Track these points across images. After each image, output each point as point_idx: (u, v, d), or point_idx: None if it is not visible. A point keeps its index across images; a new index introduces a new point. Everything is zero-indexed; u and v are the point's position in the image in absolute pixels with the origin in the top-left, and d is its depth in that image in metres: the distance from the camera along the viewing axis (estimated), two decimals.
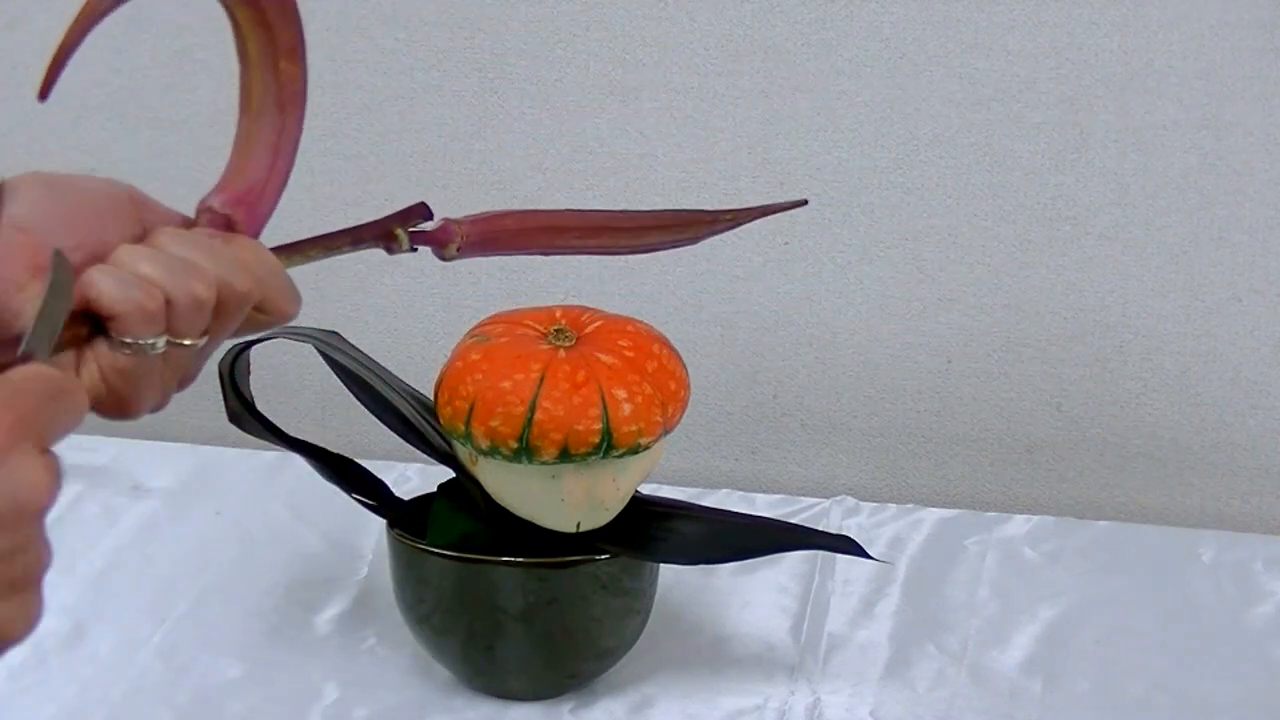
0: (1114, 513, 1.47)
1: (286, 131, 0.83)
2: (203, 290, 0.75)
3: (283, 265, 0.81)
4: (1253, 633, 1.26)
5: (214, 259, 0.77)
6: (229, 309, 0.77)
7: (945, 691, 1.19)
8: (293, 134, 0.83)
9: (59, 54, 0.79)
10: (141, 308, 0.74)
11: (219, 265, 0.76)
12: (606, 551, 1.14)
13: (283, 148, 0.83)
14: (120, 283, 0.74)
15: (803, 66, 1.43)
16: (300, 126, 0.83)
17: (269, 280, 0.79)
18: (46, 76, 0.77)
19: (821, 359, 1.49)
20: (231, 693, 1.20)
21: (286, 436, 1.18)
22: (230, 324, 0.78)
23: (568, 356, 1.11)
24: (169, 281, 0.75)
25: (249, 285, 0.77)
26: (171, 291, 0.75)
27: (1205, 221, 1.41)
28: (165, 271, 0.75)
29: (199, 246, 0.77)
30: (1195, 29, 1.37)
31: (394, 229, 0.86)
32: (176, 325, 0.75)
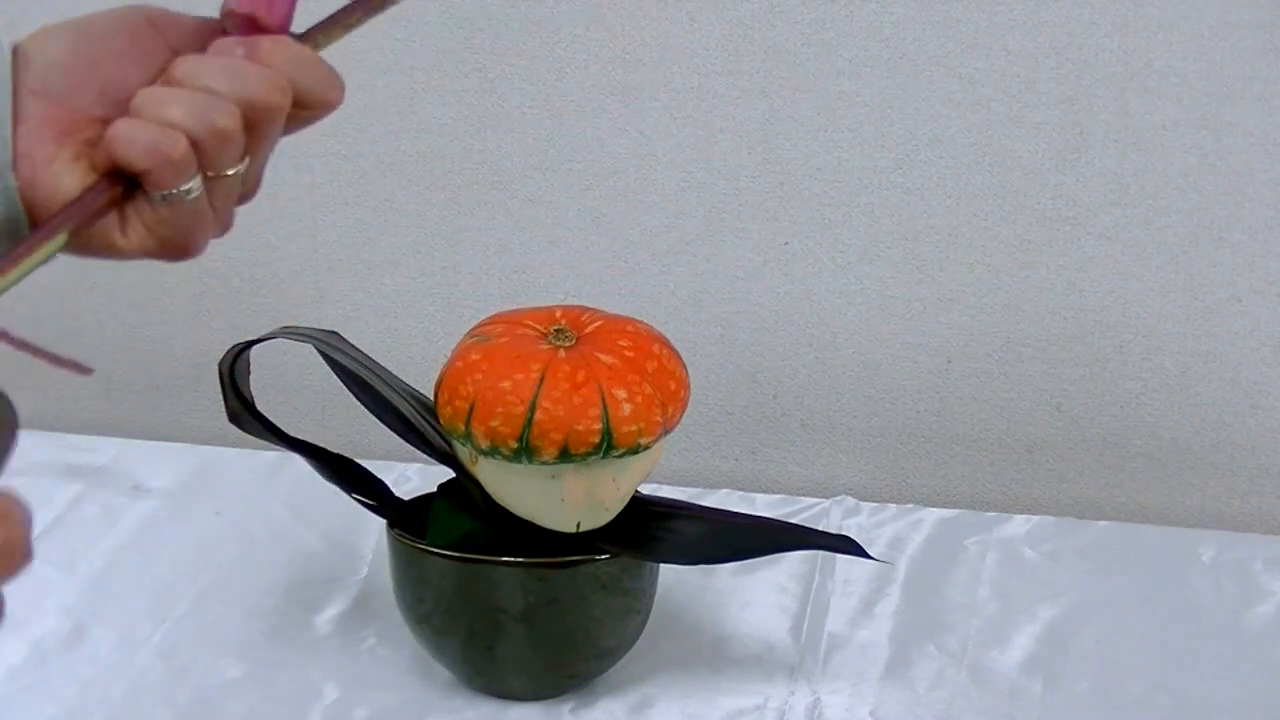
0: (1114, 513, 1.47)
1: None
2: (227, 121, 0.73)
3: (316, 56, 0.77)
4: (1253, 633, 1.26)
5: (237, 80, 0.74)
6: (262, 125, 0.75)
7: (945, 691, 1.19)
8: None
9: None
10: (168, 158, 0.72)
11: (242, 85, 0.74)
12: (606, 551, 1.14)
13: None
14: (141, 135, 0.72)
15: (803, 66, 1.43)
16: None
17: (302, 78, 0.76)
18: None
19: (821, 359, 1.49)
20: (231, 693, 1.20)
21: (286, 436, 1.18)
22: (270, 138, 0.75)
23: (568, 356, 1.11)
24: (190, 121, 0.72)
25: (277, 96, 0.74)
26: (195, 130, 0.72)
27: (1205, 221, 1.41)
28: (185, 111, 0.72)
29: (219, 71, 0.74)
30: (1195, 29, 1.36)
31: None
32: (209, 161, 0.73)
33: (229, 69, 0.74)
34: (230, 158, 0.74)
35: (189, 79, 0.74)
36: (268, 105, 0.74)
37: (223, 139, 0.73)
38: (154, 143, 0.72)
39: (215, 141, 0.73)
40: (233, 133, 0.73)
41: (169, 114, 0.73)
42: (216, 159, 0.74)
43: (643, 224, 1.49)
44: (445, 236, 1.52)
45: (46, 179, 0.74)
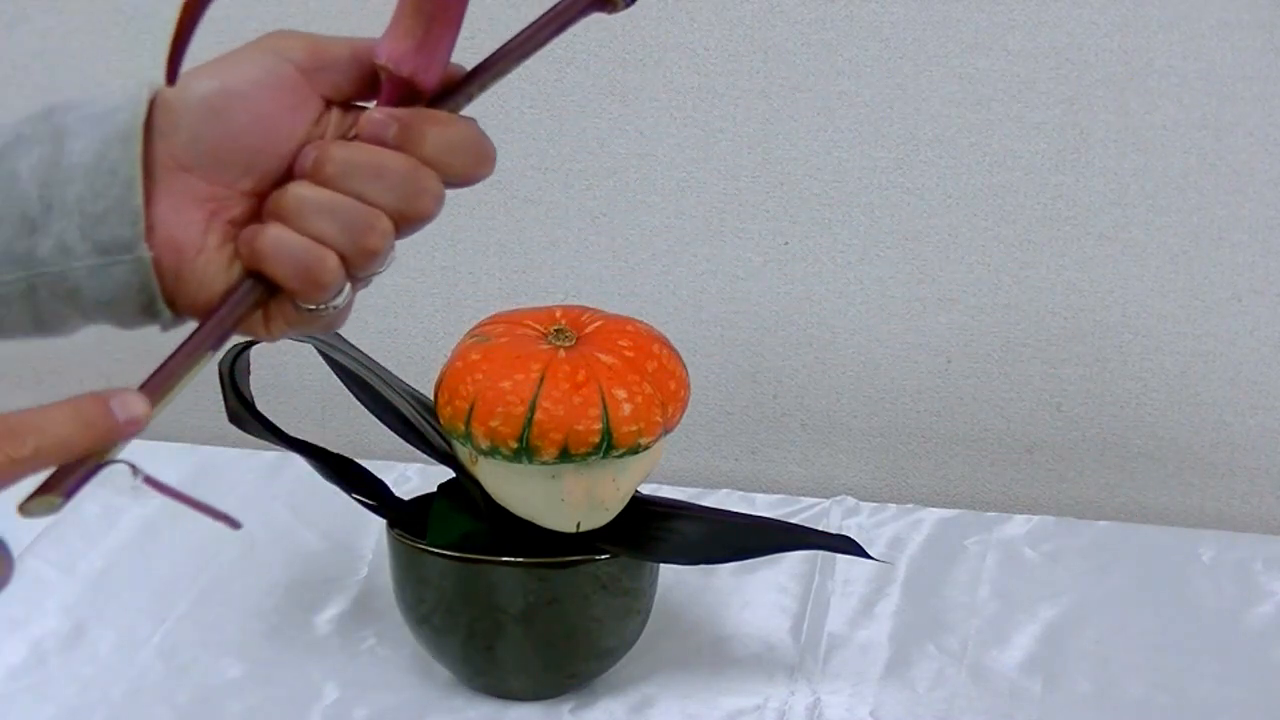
0: (1114, 513, 1.47)
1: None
2: (380, 242, 0.72)
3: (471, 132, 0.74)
4: (1253, 633, 1.26)
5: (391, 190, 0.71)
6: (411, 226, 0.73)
7: (945, 691, 1.19)
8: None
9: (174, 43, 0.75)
10: (317, 281, 0.71)
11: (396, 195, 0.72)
12: (606, 551, 1.14)
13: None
14: (292, 254, 0.71)
15: (803, 66, 1.43)
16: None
17: (457, 161, 0.73)
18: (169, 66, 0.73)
19: (821, 359, 1.49)
20: (231, 693, 1.20)
21: (286, 436, 1.18)
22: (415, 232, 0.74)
23: (568, 356, 1.11)
24: (343, 240, 0.71)
25: (429, 205, 0.72)
26: (347, 250, 0.71)
27: (1205, 221, 1.41)
28: (339, 229, 0.71)
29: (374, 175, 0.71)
30: (1195, 29, 1.37)
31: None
32: (356, 274, 0.72)
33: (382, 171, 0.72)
34: (377, 268, 0.73)
35: (340, 179, 0.72)
36: (420, 214, 0.73)
37: (374, 258, 0.72)
38: (305, 265, 0.71)
39: (366, 260, 0.72)
40: (383, 250, 0.72)
41: (321, 230, 0.71)
42: (364, 271, 0.73)
43: (643, 224, 1.49)
44: (445, 236, 1.52)
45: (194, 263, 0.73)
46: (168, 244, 0.73)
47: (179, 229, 0.73)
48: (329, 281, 0.71)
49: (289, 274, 0.71)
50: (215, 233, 0.73)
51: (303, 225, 0.71)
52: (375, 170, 0.72)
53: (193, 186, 0.73)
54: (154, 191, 0.72)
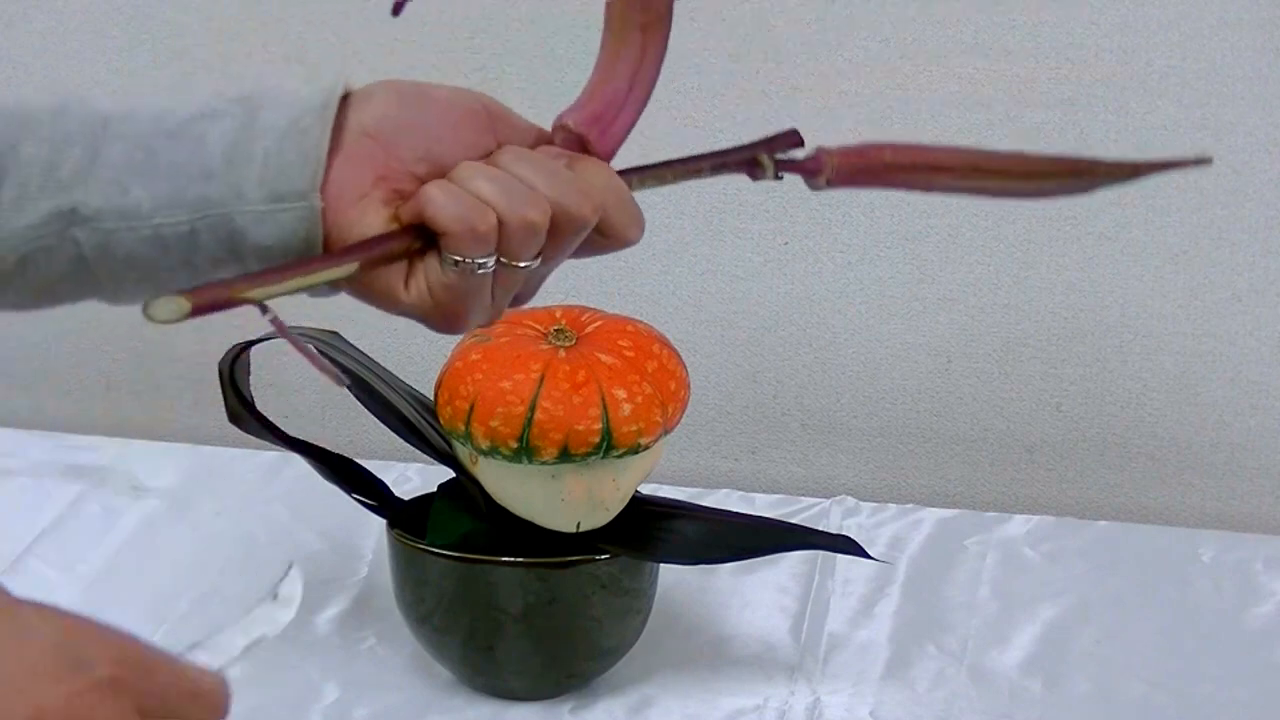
0: (1114, 513, 1.46)
1: (648, 53, 0.82)
2: (537, 215, 0.74)
3: (629, 189, 0.79)
4: (1253, 633, 1.26)
5: (554, 182, 0.75)
6: (564, 233, 0.76)
7: (945, 691, 1.19)
8: (654, 56, 0.81)
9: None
10: (473, 228, 0.74)
11: (558, 189, 0.75)
12: (606, 551, 1.14)
13: (643, 70, 0.82)
14: (455, 201, 0.74)
15: (803, 66, 1.43)
16: (663, 50, 0.81)
17: (610, 204, 0.77)
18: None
19: (821, 359, 1.49)
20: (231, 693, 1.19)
21: (286, 436, 1.18)
22: (566, 248, 0.77)
23: (568, 356, 1.11)
24: (503, 203, 0.74)
25: (587, 211, 0.76)
26: (505, 213, 0.74)
27: (1205, 221, 1.41)
28: (501, 193, 0.74)
29: (541, 169, 0.76)
30: (1195, 29, 1.37)
31: (759, 156, 0.83)
32: (508, 247, 0.75)
33: (550, 170, 0.76)
34: (528, 250, 0.75)
35: (511, 166, 0.76)
36: (577, 215, 0.76)
37: (528, 230, 0.75)
38: (465, 210, 0.74)
39: (521, 230, 0.74)
40: (539, 227, 0.75)
41: (486, 191, 0.74)
42: (516, 247, 0.75)
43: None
44: None
45: (352, 212, 0.76)
46: (335, 200, 0.76)
47: (350, 178, 0.76)
48: (484, 230, 0.74)
49: (449, 216, 0.74)
50: (379, 195, 0.76)
51: (469, 184, 0.75)
52: (542, 165, 0.76)
53: (371, 152, 0.77)
54: (335, 153, 0.76)
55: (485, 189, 0.74)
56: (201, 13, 1.51)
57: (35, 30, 1.53)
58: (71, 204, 0.77)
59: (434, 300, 0.76)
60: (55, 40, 1.54)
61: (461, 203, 0.74)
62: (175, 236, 0.77)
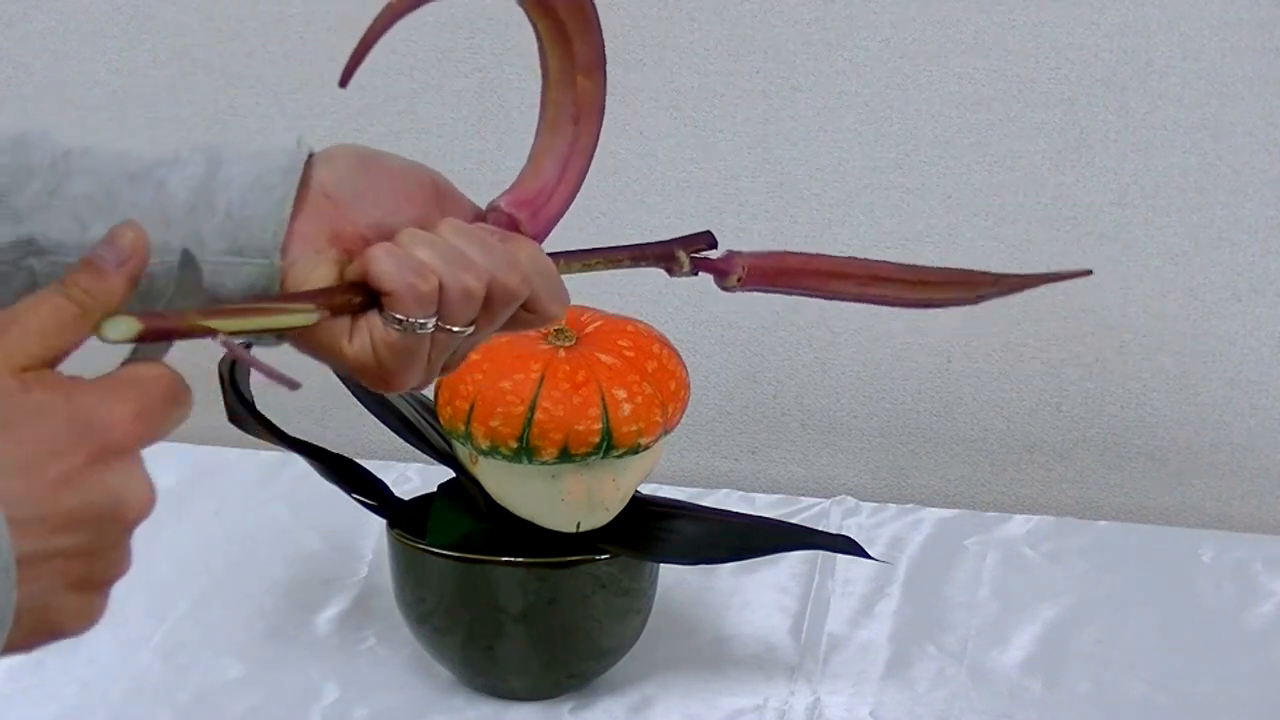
0: (1114, 513, 1.46)
1: (579, 143, 0.87)
2: (473, 283, 0.78)
3: (556, 270, 0.83)
4: (1253, 633, 1.26)
5: (489, 255, 0.79)
6: (497, 303, 0.79)
7: (945, 691, 1.19)
8: (586, 146, 0.87)
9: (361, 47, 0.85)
10: (415, 290, 0.77)
11: (493, 262, 0.79)
12: (606, 551, 1.14)
13: (574, 158, 0.87)
14: (400, 264, 0.77)
15: (803, 66, 1.43)
16: (595, 138, 0.86)
17: (539, 281, 0.81)
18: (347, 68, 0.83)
19: (821, 359, 1.49)
20: (231, 693, 1.20)
21: (286, 436, 1.18)
22: (497, 318, 0.80)
23: (568, 356, 1.11)
24: (444, 270, 0.78)
25: (518, 284, 0.80)
26: (445, 279, 0.77)
27: (1205, 221, 1.41)
28: (442, 260, 0.78)
29: (477, 241, 0.79)
30: (1195, 29, 1.37)
31: (677, 251, 0.89)
32: (446, 311, 0.78)
33: (486, 244, 0.80)
34: (464, 316, 0.79)
35: (451, 237, 0.79)
36: (508, 289, 0.79)
37: (466, 296, 0.78)
38: (408, 273, 0.77)
39: (460, 296, 0.78)
40: (476, 296, 0.78)
41: (428, 257, 0.78)
42: (454, 312, 0.78)
43: (643, 224, 1.49)
44: None
45: (303, 264, 0.79)
46: (295, 244, 0.79)
47: (308, 234, 0.79)
48: (426, 292, 0.77)
49: (392, 276, 0.77)
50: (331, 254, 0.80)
51: (411, 250, 0.78)
52: (478, 238, 0.80)
53: (329, 213, 0.80)
54: (297, 212, 0.80)
55: (427, 255, 0.78)
56: (201, 13, 1.51)
57: (35, 30, 1.53)
58: (30, 234, 0.79)
59: (375, 357, 0.79)
60: (55, 40, 1.54)
61: (405, 265, 0.77)
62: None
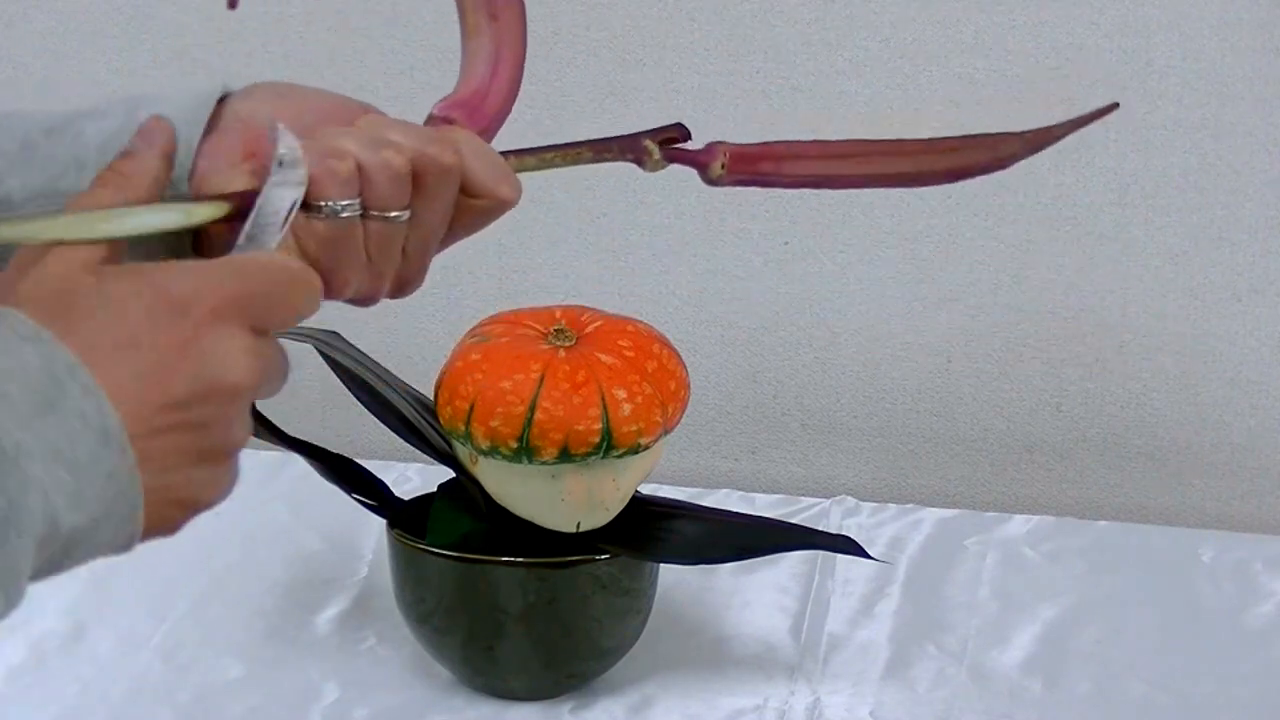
0: (1114, 513, 1.47)
1: (504, 36, 0.83)
2: (395, 158, 0.76)
3: (496, 153, 0.79)
4: (1253, 633, 1.26)
5: (413, 133, 0.77)
6: (429, 181, 0.77)
7: (945, 691, 1.19)
8: (512, 38, 0.83)
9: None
10: (332, 171, 0.75)
11: (418, 139, 0.77)
12: (606, 551, 1.14)
13: (502, 53, 0.83)
14: (313, 148, 0.75)
15: (803, 66, 1.43)
16: (521, 30, 0.83)
17: (475, 160, 0.78)
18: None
19: (821, 359, 1.49)
20: (231, 693, 1.20)
21: (286, 436, 1.18)
22: (434, 199, 0.77)
23: (568, 356, 1.11)
24: (362, 151, 0.75)
25: (451, 158, 0.77)
26: (364, 158, 0.75)
27: (1205, 221, 1.41)
28: (359, 143, 0.76)
29: (399, 126, 0.77)
30: (1195, 29, 1.37)
31: (645, 142, 0.83)
32: (372, 193, 0.76)
33: (409, 130, 0.77)
34: (393, 198, 0.76)
35: (369, 126, 0.78)
36: (438, 162, 0.77)
37: (390, 174, 0.76)
38: (323, 155, 0.75)
39: (381, 172, 0.76)
40: (399, 170, 0.76)
41: (344, 142, 0.76)
42: (379, 193, 0.76)
43: (642, 224, 1.49)
44: None
45: (215, 177, 0.77)
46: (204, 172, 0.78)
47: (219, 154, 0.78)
48: (343, 172, 0.75)
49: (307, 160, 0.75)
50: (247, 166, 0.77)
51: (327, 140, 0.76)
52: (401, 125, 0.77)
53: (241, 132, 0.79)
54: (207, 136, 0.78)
55: (344, 141, 0.76)
56: (201, 13, 1.51)
57: (35, 30, 1.53)
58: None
59: (304, 255, 0.76)
60: (55, 40, 1.54)
61: (319, 149, 0.75)
62: None
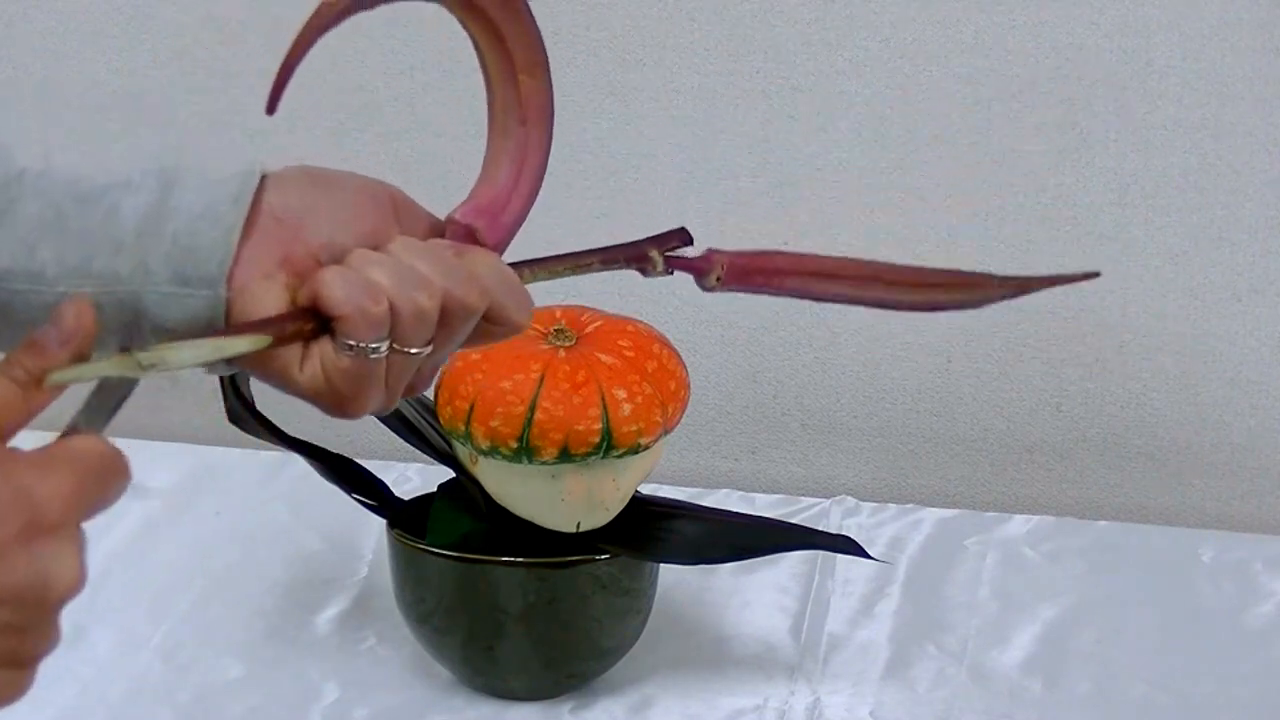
0: (1114, 513, 1.46)
1: (530, 144, 0.83)
2: (426, 301, 0.76)
3: (517, 278, 0.80)
4: (1253, 633, 1.26)
5: (444, 271, 0.76)
6: (454, 320, 0.77)
7: (945, 691, 1.19)
8: (538, 146, 0.83)
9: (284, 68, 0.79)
10: (366, 313, 0.74)
11: (448, 278, 0.76)
12: (606, 551, 1.14)
13: (528, 160, 0.83)
14: (348, 285, 0.75)
15: (803, 66, 1.43)
16: (547, 140, 0.83)
17: (499, 291, 0.78)
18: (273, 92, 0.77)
19: (821, 359, 1.49)
20: (231, 693, 1.20)
21: (286, 436, 1.18)
22: (456, 335, 0.78)
23: (568, 356, 1.11)
24: (395, 290, 0.75)
25: (475, 299, 0.77)
26: (397, 299, 0.75)
27: (1205, 221, 1.41)
28: (393, 279, 0.75)
29: (431, 257, 0.77)
30: (1195, 29, 1.37)
31: (649, 251, 0.84)
32: (400, 333, 0.76)
33: (440, 259, 0.77)
34: (419, 337, 0.76)
35: (402, 254, 0.77)
36: (464, 304, 0.77)
37: (419, 317, 0.76)
38: (359, 295, 0.75)
39: (412, 316, 0.76)
40: (429, 314, 0.76)
41: (378, 276, 0.75)
42: (407, 333, 0.76)
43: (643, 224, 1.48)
44: None
45: (255, 297, 0.77)
46: (239, 283, 0.77)
47: (256, 260, 0.77)
48: (377, 314, 0.75)
49: (341, 299, 0.75)
50: (281, 278, 0.77)
51: (362, 270, 0.76)
52: (431, 254, 0.77)
53: (278, 236, 0.77)
54: (245, 238, 0.77)
55: (378, 275, 0.75)
56: (201, 13, 1.51)
57: (35, 30, 1.53)
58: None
59: (329, 384, 0.77)
60: (55, 40, 1.54)
61: (355, 287, 0.75)
62: None
